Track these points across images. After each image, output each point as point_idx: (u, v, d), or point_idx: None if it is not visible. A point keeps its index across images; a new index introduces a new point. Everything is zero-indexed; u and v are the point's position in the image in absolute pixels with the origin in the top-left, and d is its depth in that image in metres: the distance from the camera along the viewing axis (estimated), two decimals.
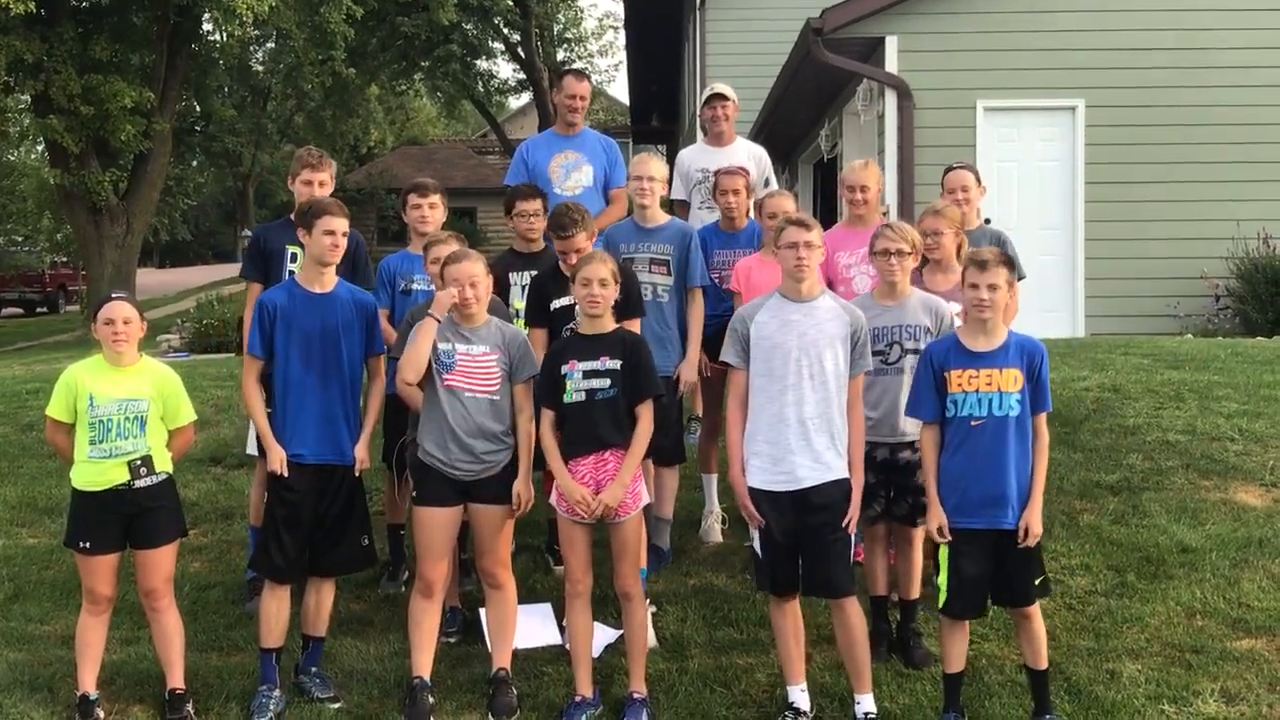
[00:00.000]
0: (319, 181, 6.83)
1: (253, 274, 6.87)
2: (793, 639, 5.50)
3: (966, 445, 5.28)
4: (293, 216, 6.89)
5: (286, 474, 5.80)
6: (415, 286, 6.95)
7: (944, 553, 5.34)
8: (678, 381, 6.97)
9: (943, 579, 5.35)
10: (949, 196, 7.00)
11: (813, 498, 5.37)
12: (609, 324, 5.73)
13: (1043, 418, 5.34)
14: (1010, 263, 5.38)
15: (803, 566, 5.43)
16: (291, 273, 6.68)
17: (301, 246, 6.61)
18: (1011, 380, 5.25)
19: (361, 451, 5.97)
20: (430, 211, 7.10)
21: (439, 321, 5.70)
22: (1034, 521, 5.23)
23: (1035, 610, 5.34)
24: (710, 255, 7.30)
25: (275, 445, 5.84)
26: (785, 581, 5.47)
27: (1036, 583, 5.33)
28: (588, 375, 5.60)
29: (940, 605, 5.38)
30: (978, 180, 7.16)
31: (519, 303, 6.88)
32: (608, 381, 5.60)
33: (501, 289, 6.83)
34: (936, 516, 5.32)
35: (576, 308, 5.90)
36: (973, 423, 5.27)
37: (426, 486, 5.77)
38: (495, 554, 5.85)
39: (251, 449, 6.96)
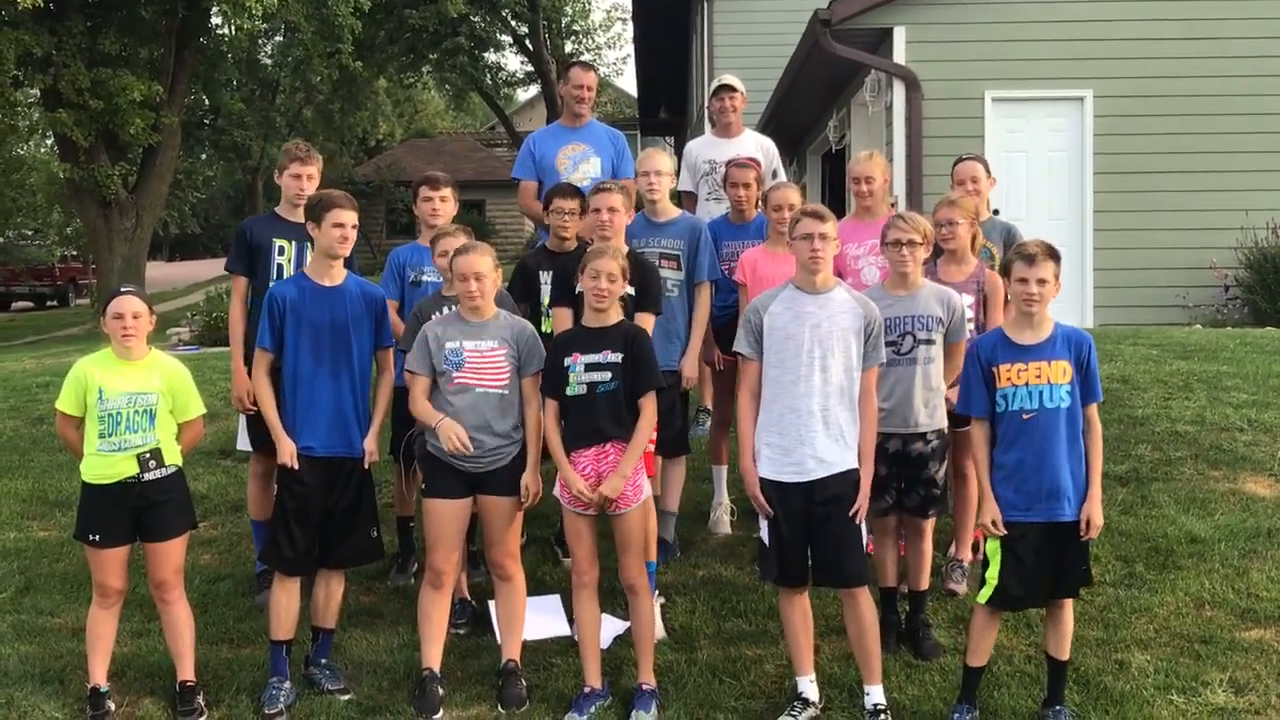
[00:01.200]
0: (307, 175, 6.79)
1: (239, 267, 6.83)
2: (802, 631, 5.50)
3: (1021, 439, 5.25)
4: (278, 210, 6.92)
5: (297, 467, 5.82)
6: (425, 278, 6.95)
7: (993, 546, 5.32)
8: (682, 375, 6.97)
9: (992, 572, 5.31)
10: (959, 188, 6.99)
11: (823, 489, 5.37)
12: (613, 316, 5.73)
13: (1094, 408, 5.33)
14: (1057, 255, 5.37)
15: (814, 556, 5.44)
16: (280, 266, 6.71)
17: (289, 240, 6.69)
18: (1060, 372, 5.24)
19: (371, 444, 5.99)
20: (442, 205, 7.10)
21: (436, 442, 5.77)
22: (1095, 513, 5.22)
23: (1070, 602, 5.35)
24: (719, 246, 7.28)
25: (285, 438, 5.85)
26: (794, 574, 5.47)
27: (1082, 569, 5.35)
28: (590, 368, 5.61)
29: (985, 598, 5.34)
30: (987, 171, 7.14)
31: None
32: (609, 374, 5.60)
33: (532, 286, 6.83)
34: (990, 511, 5.30)
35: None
36: (1024, 416, 5.25)
37: (436, 479, 5.78)
38: (504, 546, 5.86)
39: (243, 445, 6.98)
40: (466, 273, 5.72)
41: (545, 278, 6.88)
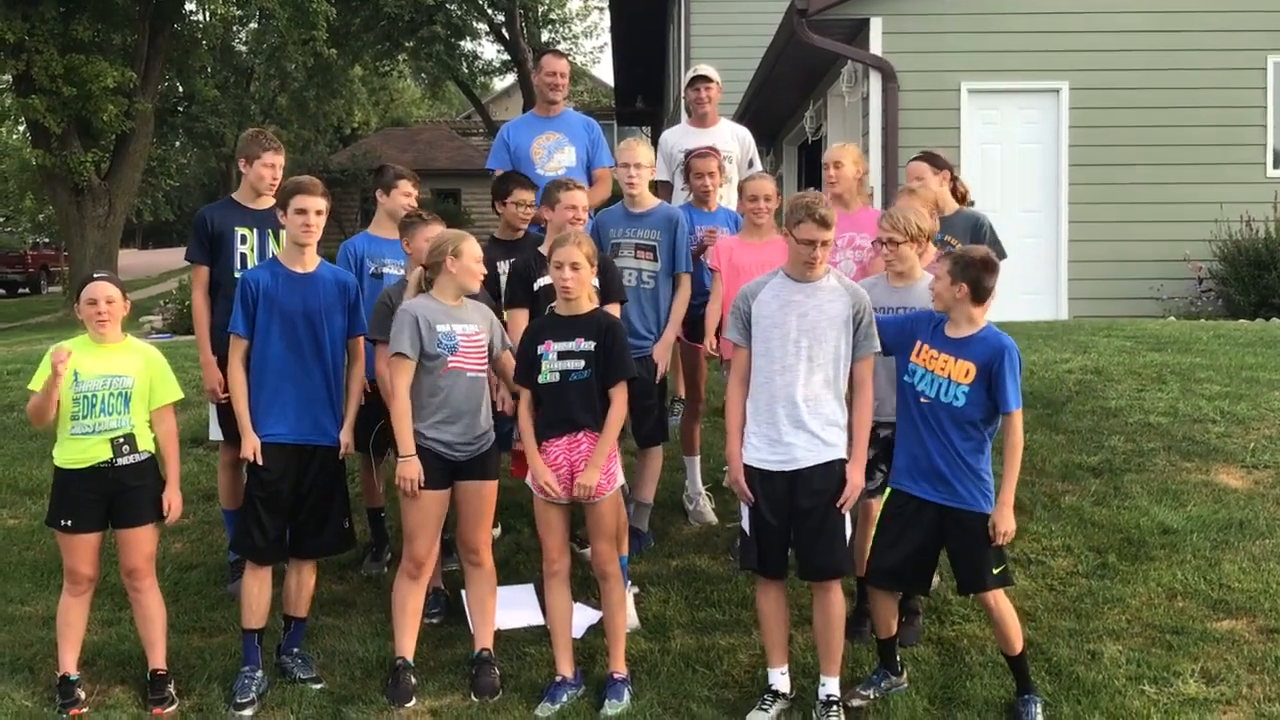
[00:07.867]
0: (280, 164, 6.73)
1: (199, 257, 6.74)
2: (775, 622, 5.50)
3: (918, 418, 5.38)
4: (235, 197, 6.84)
5: (261, 461, 5.80)
6: (387, 270, 6.90)
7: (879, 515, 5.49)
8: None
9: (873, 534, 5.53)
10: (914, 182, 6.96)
11: (807, 479, 5.36)
12: (586, 305, 5.72)
13: (1014, 417, 5.29)
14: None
15: (796, 548, 5.43)
16: (243, 255, 6.66)
17: (250, 228, 6.66)
18: (962, 372, 5.27)
19: (346, 436, 5.98)
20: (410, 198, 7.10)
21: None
22: (1000, 519, 5.25)
23: (997, 598, 5.33)
24: (689, 228, 7.27)
25: (250, 433, 5.83)
26: (773, 563, 5.46)
27: (995, 572, 5.32)
28: (562, 356, 5.60)
29: (866, 571, 5.53)
30: (938, 168, 7.03)
31: None
32: (582, 363, 5.59)
33: (492, 276, 6.82)
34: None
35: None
36: (921, 399, 5.35)
37: (424, 469, 5.70)
38: (482, 532, 5.88)
39: (215, 434, 6.94)
40: (475, 264, 5.79)
41: (502, 267, 6.86)
